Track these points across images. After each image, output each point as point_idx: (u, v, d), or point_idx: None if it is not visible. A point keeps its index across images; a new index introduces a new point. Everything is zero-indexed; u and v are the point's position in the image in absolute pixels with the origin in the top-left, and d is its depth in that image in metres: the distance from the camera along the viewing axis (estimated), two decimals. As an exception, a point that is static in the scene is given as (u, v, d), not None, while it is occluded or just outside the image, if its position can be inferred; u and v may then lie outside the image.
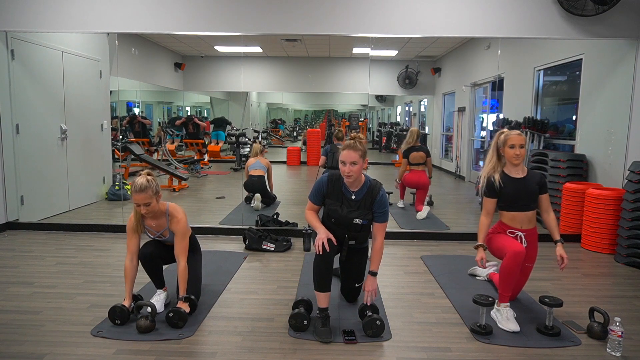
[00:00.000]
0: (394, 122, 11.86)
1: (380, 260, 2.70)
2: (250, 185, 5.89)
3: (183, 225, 2.71)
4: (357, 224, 2.68)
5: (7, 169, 4.69)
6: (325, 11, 4.36)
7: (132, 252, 2.69)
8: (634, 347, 2.46)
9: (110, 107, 6.57)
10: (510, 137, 2.81)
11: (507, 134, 2.83)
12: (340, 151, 2.62)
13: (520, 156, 2.79)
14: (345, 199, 2.69)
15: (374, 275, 2.68)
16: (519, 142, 2.79)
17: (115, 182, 6.26)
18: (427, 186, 5.58)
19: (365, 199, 2.68)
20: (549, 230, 2.88)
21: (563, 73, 5.74)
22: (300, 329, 2.56)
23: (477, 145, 7.88)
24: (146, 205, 2.57)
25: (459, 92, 8.28)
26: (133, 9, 4.36)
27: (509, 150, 2.81)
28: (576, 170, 4.80)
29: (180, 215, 2.72)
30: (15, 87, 4.71)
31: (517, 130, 2.88)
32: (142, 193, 2.55)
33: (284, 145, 12.73)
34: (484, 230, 2.86)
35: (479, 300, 2.55)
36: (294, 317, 2.58)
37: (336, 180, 2.71)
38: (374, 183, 2.71)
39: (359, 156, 2.57)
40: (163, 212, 2.71)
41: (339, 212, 2.69)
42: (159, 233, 2.76)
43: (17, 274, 3.46)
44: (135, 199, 2.56)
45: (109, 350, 2.33)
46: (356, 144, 2.59)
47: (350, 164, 2.57)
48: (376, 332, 2.53)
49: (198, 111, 11.11)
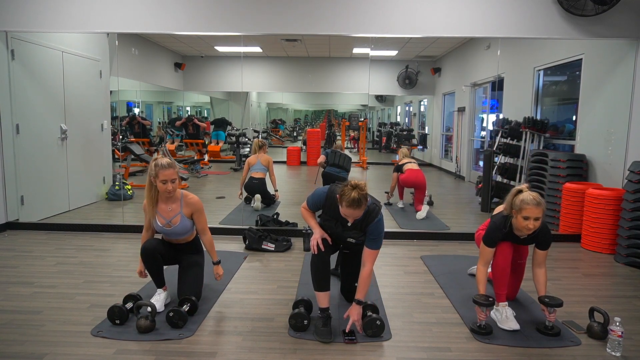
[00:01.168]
0: (394, 122, 11.86)
1: (367, 288, 2.58)
2: (251, 187, 5.88)
3: (198, 201, 2.85)
4: (351, 242, 2.68)
5: (7, 169, 4.69)
6: (325, 11, 4.36)
7: (147, 227, 2.85)
8: (634, 347, 2.46)
9: (110, 107, 6.58)
10: (527, 208, 2.47)
11: (524, 201, 2.49)
12: (344, 204, 2.40)
13: (533, 230, 2.50)
14: (341, 219, 2.59)
15: (359, 304, 2.54)
16: (535, 215, 2.47)
17: (115, 182, 6.26)
18: (424, 185, 5.60)
19: (361, 222, 2.56)
20: (536, 285, 2.69)
21: (563, 73, 5.74)
22: (300, 328, 2.56)
23: (477, 146, 7.88)
24: (173, 182, 2.70)
25: (458, 92, 8.28)
26: (133, 9, 4.36)
27: (522, 220, 2.50)
28: (576, 170, 4.80)
29: (197, 199, 2.87)
30: (15, 87, 4.71)
31: (536, 196, 2.50)
32: (171, 168, 2.69)
33: (284, 145, 12.73)
34: (483, 281, 2.68)
35: (478, 300, 2.54)
36: (294, 317, 2.58)
37: (334, 199, 2.56)
38: (372, 207, 2.54)
39: (362, 212, 2.45)
40: (178, 196, 2.82)
41: (333, 229, 2.66)
42: (168, 221, 2.79)
43: (17, 274, 3.46)
44: (164, 175, 2.67)
45: (109, 350, 2.33)
46: (361, 204, 2.38)
47: (352, 217, 2.48)
48: (376, 332, 2.52)
49: (198, 111, 11.12)
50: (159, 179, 2.67)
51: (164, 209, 2.80)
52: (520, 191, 2.57)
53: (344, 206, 2.40)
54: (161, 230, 2.83)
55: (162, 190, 2.70)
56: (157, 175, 2.67)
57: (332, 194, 2.60)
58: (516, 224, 2.57)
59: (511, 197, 2.60)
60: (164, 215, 2.79)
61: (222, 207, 5.89)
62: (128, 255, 3.97)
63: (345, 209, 2.42)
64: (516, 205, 2.54)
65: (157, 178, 2.68)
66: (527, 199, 2.49)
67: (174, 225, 2.80)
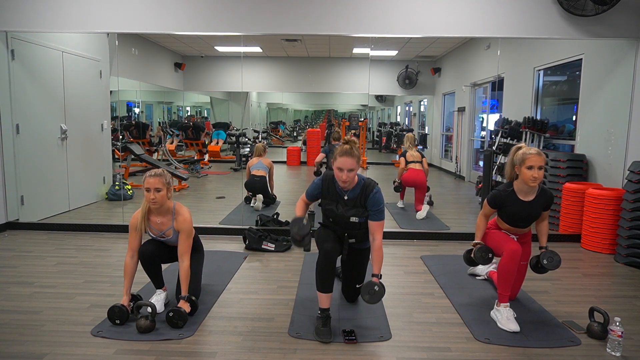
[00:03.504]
0: (393, 122, 11.86)
1: (382, 260, 2.60)
2: (252, 185, 5.88)
3: (189, 224, 2.72)
4: (355, 222, 2.68)
5: (7, 169, 4.69)
6: (325, 11, 4.36)
7: (133, 249, 2.70)
8: (634, 347, 2.46)
9: (111, 107, 6.58)
10: (529, 157, 2.57)
11: (525, 153, 2.60)
12: (337, 156, 2.56)
13: (538, 179, 2.58)
14: (340, 198, 2.69)
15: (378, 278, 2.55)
16: (538, 164, 2.55)
17: (115, 182, 6.26)
18: (424, 185, 5.61)
19: (359, 198, 2.65)
20: (538, 235, 2.83)
21: (563, 73, 5.74)
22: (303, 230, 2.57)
23: (477, 146, 7.88)
24: (157, 191, 2.59)
25: (458, 92, 8.28)
26: (133, 9, 4.36)
27: (526, 171, 2.58)
28: (576, 170, 4.80)
29: (186, 215, 2.73)
30: (15, 87, 4.71)
31: (536, 148, 2.65)
32: (156, 177, 2.60)
33: (284, 145, 12.73)
34: (482, 229, 2.84)
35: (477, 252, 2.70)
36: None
37: (330, 181, 2.70)
38: (368, 182, 2.67)
39: (355, 162, 2.55)
40: (170, 209, 2.72)
41: (335, 211, 2.70)
42: (162, 233, 2.75)
43: (17, 274, 3.46)
44: (147, 183, 2.59)
45: (109, 350, 2.33)
46: (352, 150, 2.53)
47: (348, 171, 2.54)
48: (374, 297, 2.45)
49: (198, 111, 11.11)
50: (144, 186, 2.61)
51: (155, 221, 2.73)
52: (519, 148, 2.67)
53: (337, 157, 2.55)
54: (156, 238, 2.80)
55: (146, 198, 2.63)
56: (143, 182, 2.63)
57: (327, 177, 2.73)
58: (521, 178, 2.63)
59: (512, 155, 2.69)
60: (157, 228, 2.75)
61: (222, 207, 5.89)
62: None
63: (338, 160, 2.55)
64: (518, 159, 2.62)
65: (143, 185, 2.63)
66: (528, 150, 2.60)
67: (167, 237, 2.77)
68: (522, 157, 2.60)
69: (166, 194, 2.65)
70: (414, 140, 5.92)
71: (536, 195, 2.70)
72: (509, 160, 2.73)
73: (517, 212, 2.73)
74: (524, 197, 2.70)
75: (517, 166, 2.64)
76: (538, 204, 2.71)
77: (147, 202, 2.64)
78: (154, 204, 2.63)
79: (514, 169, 2.68)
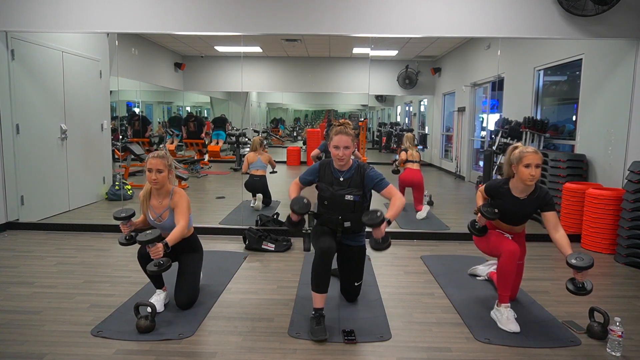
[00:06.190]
0: (394, 122, 11.85)
1: (398, 211, 2.62)
2: (252, 185, 5.87)
3: (185, 200, 2.77)
4: (349, 200, 2.72)
5: (7, 169, 4.69)
6: (325, 11, 4.36)
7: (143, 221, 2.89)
8: (634, 347, 2.46)
9: (110, 107, 6.57)
10: (526, 155, 2.57)
11: (522, 151, 2.60)
12: (332, 136, 2.70)
13: (536, 177, 2.57)
14: (335, 179, 2.78)
15: (388, 223, 2.51)
16: (535, 162, 2.56)
17: (115, 182, 6.26)
18: (421, 184, 5.61)
19: (354, 178, 2.75)
20: (559, 247, 2.61)
21: (563, 73, 5.74)
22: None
23: (477, 145, 7.88)
24: (158, 172, 2.68)
25: (459, 92, 8.28)
26: (133, 9, 4.35)
27: (524, 169, 2.58)
28: (576, 170, 4.80)
29: (183, 194, 2.81)
30: (15, 87, 4.71)
31: (533, 147, 2.66)
32: (158, 159, 2.68)
33: (284, 145, 12.72)
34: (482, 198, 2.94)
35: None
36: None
37: (326, 165, 2.84)
38: (361, 164, 2.81)
39: (351, 140, 2.68)
40: (168, 191, 2.79)
41: (330, 190, 2.76)
42: (159, 215, 2.80)
43: (17, 274, 3.46)
44: (149, 163, 2.67)
45: (109, 350, 2.33)
46: (347, 129, 2.68)
47: (344, 148, 2.67)
48: (373, 220, 2.45)
49: (198, 111, 11.11)
50: (146, 166, 2.69)
51: (155, 203, 2.82)
52: (516, 147, 2.70)
53: (333, 135, 2.69)
54: (153, 224, 2.85)
55: (148, 179, 2.71)
56: (145, 162, 2.71)
57: (324, 162, 2.86)
58: (518, 177, 2.64)
59: (509, 155, 2.71)
60: (156, 210, 2.82)
61: (222, 207, 5.89)
62: (128, 255, 3.96)
63: (334, 139, 2.69)
64: (515, 158, 2.64)
65: (145, 166, 2.70)
66: (525, 149, 2.62)
67: (164, 220, 2.81)
68: (519, 155, 2.62)
69: (167, 176, 2.74)
70: (413, 140, 5.94)
71: (530, 193, 2.71)
72: (506, 159, 2.76)
73: (508, 208, 2.76)
74: (518, 194, 2.72)
75: (515, 165, 2.65)
76: (532, 202, 2.72)
77: (149, 181, 2.72)
78: (155, 184, 2.72)
79: (512, 168, 2.70)
